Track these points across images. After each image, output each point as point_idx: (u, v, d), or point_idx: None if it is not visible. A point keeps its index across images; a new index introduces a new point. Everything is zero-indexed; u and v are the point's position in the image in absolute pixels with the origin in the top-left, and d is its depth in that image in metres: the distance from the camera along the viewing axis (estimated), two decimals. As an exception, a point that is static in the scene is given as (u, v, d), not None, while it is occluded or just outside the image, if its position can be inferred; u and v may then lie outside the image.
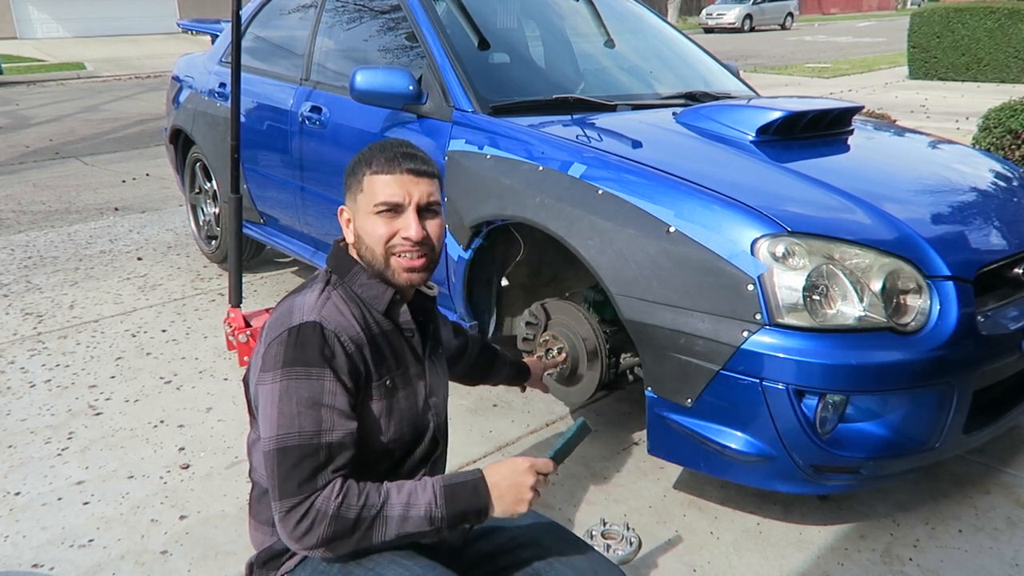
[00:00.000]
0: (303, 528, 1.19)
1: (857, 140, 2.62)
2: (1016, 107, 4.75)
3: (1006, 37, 11.40)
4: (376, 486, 1.24)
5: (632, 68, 3.29)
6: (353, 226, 1.37)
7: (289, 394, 1.22)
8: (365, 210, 1.34)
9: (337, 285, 1.34)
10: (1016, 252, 2.09)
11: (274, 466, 1.21)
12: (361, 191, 1.34)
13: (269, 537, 1.38)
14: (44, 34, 20.46)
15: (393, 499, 1.23)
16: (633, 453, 2.45)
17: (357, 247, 1.37)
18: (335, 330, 1.26)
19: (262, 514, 1.39)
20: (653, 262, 1.97)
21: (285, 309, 1.31)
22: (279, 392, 1.22)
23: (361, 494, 1.22)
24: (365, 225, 1.34)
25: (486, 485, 1.26)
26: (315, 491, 1.20)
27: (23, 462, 2.41)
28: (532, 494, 1.27)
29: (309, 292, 1.32)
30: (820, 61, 15.73)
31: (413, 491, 1.24)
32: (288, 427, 1.21)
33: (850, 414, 1.91)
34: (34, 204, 5.61)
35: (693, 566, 1.96)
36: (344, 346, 1.26)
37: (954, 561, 1.97)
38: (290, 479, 1.20)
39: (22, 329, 3.41)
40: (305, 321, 1.26)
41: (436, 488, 1.24)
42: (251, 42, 3.81)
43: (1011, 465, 2.36)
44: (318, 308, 1.28)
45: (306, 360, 1.23)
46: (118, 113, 10.07)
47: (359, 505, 1.21)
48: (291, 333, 1.25)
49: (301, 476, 1.20)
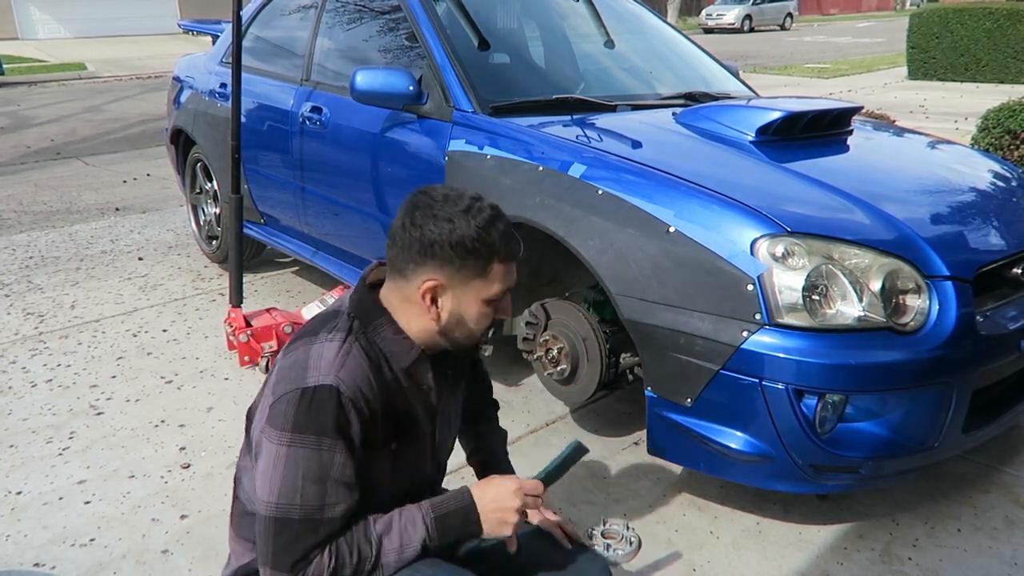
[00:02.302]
0: None
1: (856, 140, 2.63)
2: (1015, 107, 4.75)
3: (1005, 38, 11.40)
4: (365, 533, 1.19)
5: (632, 68, 3.30)
6: (447, 305, 1.24)
7: (296, 463, 1.14)
8: (478, 296, 1.24)
9: (359, 335, 1.23)
10: (1015, 252, 2.09)
11: (270, 535, 1.16)
12: (482, 277, 1.23)
13: (249, 553, 1.34)
14: (45, 35, 20.46)
15: (386, 546, 1.19)
16: (633, 453, 2.46)
17: (443, 323, 1.25)
18: (352, 396, 1.17)
19: (244, 530, 1.35)
20: (653, 262, 1.97)
21: (300, 359, 1.20)
22: (284, 458, 1.15)
23: (352, 551, 1.17)
24: (471, 310, 1.25)
25: (476, 509, 1.24)
26: (309, 564, 1.15)
27: (24, 461, 2.42)
28: (517, 516, 1.24)
29: (328, 342, 1.21)
30: (819, 61, 15.73)
31: (404, 531, 1.20)
32: (290, 498, 1.14)
33: (849, 414, 1.91)
34: (35, 204, 5.61)
35: (693, 566, 1.97)
36: (360, 413, 1.18)
37: (953, 560, 1.97)
38: (286, 554, 1.15)
39: (23, 329, 3.42)
40: (321, 384, 1.16)
41: (427, 520, 1.21)
42: (252, 42, 3.82)
43: (1010, 465, 2.36)
44: (336, 367, 1.17)
45: (318, 429, 1.15)
46: (119, 113, 10.08)
47: (352, 563, 1.17)
48: (304, 395, 1.15)
49: (296, 554, 1.15)
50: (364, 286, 1.31)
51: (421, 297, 1.23)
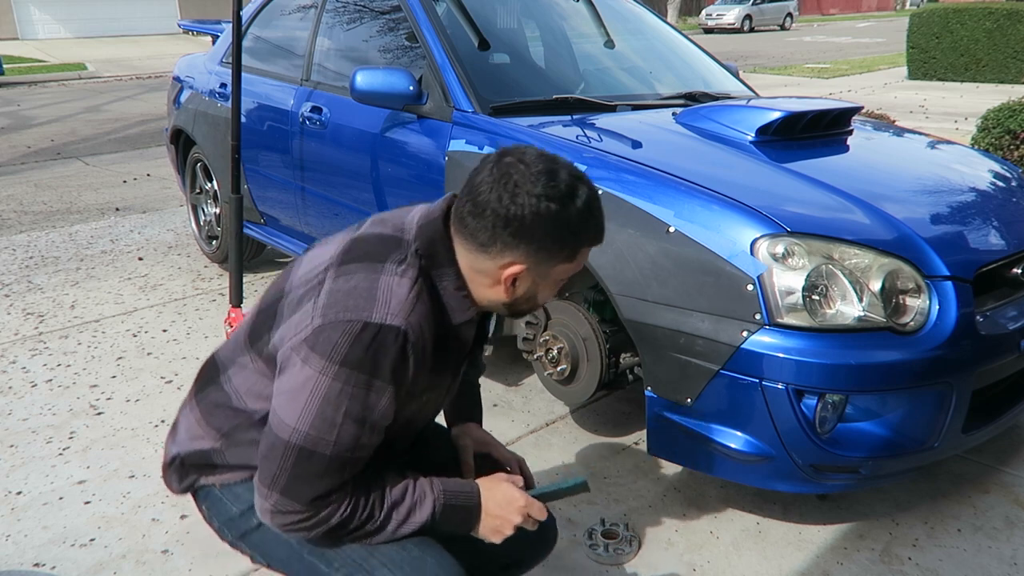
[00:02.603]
0: (294, 527, 1.13)
1: (856, 140, 2.63)
2: (1015, 107, 4.76)
3: (1005, 38, 11.41)
4: (381, 498, 1.16)
5: (632, 68, 3.30)
6: (524, 285, 1.18)
7: (339, 400, 1.07)
8: (557, 278, 1.19)
9: (426, 277, 1.15)
10: (1015, 252, 2.09)
11: (288, 462, 1.09)
12: (569, 262, 1.17)
13: (209, 441, 1.28)
14: (45, 35, 20.47)
15: (393, 516, 1.17)
16: (633, 453, 2.46)
17: (513, 298, 1.19)
18: (415, 342, 1.10)
19: (216, 419, 1.28)
20: (653, 262, 1.97)
21: (363, 288, 1.09)
22: (326, 391, 1.07)
23: (366, 510, 1.15)
24: (546, 289, 1.20)
25: (480, 511, 1.22)
26: (328, 504, 1.12)
27: (24, 461, 2.42)
28: (512, 531, 1.23)
29: (398, 276, 1.11)
30: (819, 61, 15.74)
31: (413, 508, 1.18)
32: (323, 432, 1.08)
33: (849, 414, 1.92)
34: (35, 204, 5.61)
35: (693, 565, 1.97)
36: (417, 362, 1.12)
37: (953, 560, 1.97)
38: (307, 486, 1.10)
39: (23, 329, 3.42)
40: (389, 324, 1.07)
41: (436, 507, 1.19)
42: (252, 42, 3.82)
43: (1010, 464, 2.37)
44: (407, 310, 1.09)
45: (373, 370, 1.07)
46: (119, 113, 10.08)
47: (360, 520, 1.15)
48: (366, 331, 1.06)
49: (318, 490, 1.10)
50: (440, 221, 1.18)
51: (502, 279, 1.15)
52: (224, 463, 1.28)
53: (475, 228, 1.13)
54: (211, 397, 1.30)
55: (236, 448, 1.27)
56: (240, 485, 1.29)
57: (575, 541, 2.05)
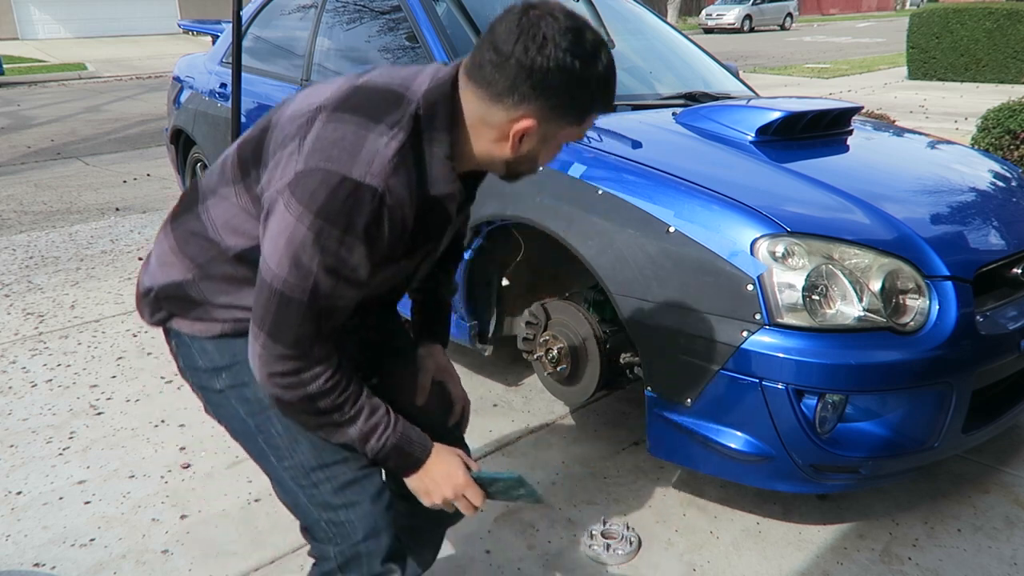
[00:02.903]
0: (277, 379, 1.15)
1: (856, 140, 2.63)
2: (1015, 107, 4.76)
3: (1005, 38, 11.41)
4: (356, 395, 1.19)
5: (632, 68, 3.30)
6: (530, 143, 1.15)
7: (313, 250, 1.08)
8: (560, 140, 1.18)
9: (416, 142, 1.12)
10: (1015, 252, 2.09)
11: (272, 305, 1.12)
12: (577, 125, 1.16)
13: (184, 273, 1.27)
14: (45, 35, 20.47)
15: (358, 423, 1.20)
16: (633, 453, 2.46)
17: (516, 155, 1.17)
18: (392, 206, 1.10)
19: (191, 248, 1.27)
20: (653, 262, 1.97)
21: (351, 141, 1.08)
22: (301, 239, 1.08)
23: (340, 396, 1.17)
24: (548, 150, 1.19)
25: (423, 469, 1.25)
26: (307, 357, 1.14)
27: (24, 461, 2.42)
28: (437, 503, 1.26)
29: (388, 138, 1.09)
30: (819, 61, 15.74)
31: (372, 429, 1.20)
32: (299, 280, 1.10)
33: (849, 414, 1.92)
34: (35, 204, 5.61)
35: (693, 565, 1.97)
36: (393, 225, 1.11)
37: (953, 560, 1.97)
38: (288, 328, 1.12)
39: (23, 329, 3.42)
40: (367, 184, 1.07)
41: (390, 442, 1.21)
42: (252, 43, 3.82)
43: (1010, 464, 2.37)
44: (388, 172, 1.08)
45: (347, 226, 1.07)
46: (119, 113, 10.08)
47: (332, 405, 1.17)
48: (344, 185, 1.06)
49: (300, 333, 1.12)
50: (448, 85, 1.15)
51: (511, 133, 1.13)
52: (199, 298, 1.27)
53: (494, 77, 1.09)
54: (187, 225, 1.29)
55: (209, 282, 1.26)
56: (210, 341, 1.28)
57: (575, 541, 2.05)
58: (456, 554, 2.01)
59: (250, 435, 1.30)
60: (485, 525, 2.12)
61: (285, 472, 1.29)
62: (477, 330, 2.60)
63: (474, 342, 2.61)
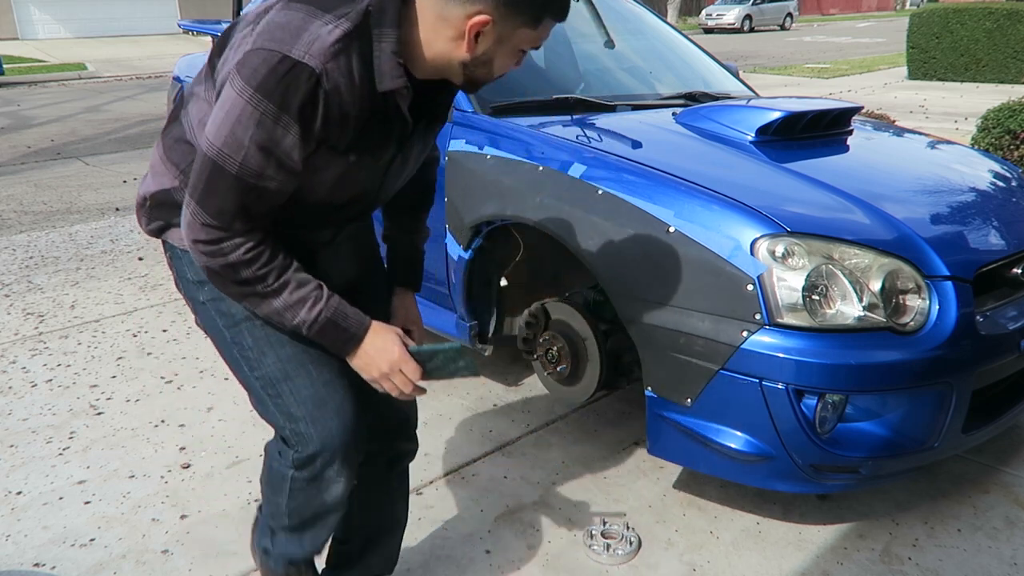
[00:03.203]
0: (201, 246, 1.20)
1: (856, 140, 2.63)
2: (1015, 107, 4.76)
3: (1005, 38, 11.41)
4: (283, 268, 1.23)
5: (632, 69, 3.30)
6: (485, 43, 1.18)
7: (248, 123, 1.12)
8: (516, 45, 1.21)
9: (364, 37, 1.15)
10: (1015, 252, 2.09)
11: (204, 173, 1.17)
12: (531, 28, 1.19)
13: (170, 179, 1.34)
14: (45, 35, 20.48)
15: (283, 295, 1.23)
16: (633, 453, 2.46)
17: (472, 58, 1.20)
18: (329, 90, 1.13)
19: (175, 154, 1.33)
20: (653, 262, 1.97)
21: (296, 24, 1.12)
22: (239, 112, 1.12)
23: (264, 267, 1.21)
24: (503, 56, 1.22)
25: (359, 345, 1.28)
26: (230, 229, 1.18)
27: (24, 461, 2.42)
28: (373, 378, 1.30)
29: (332, 27, 1.12)
30: (819, 61, 15.74)
31: (301, 301, 1.24)
32: (233, 151, 1.14)
33: (849, 414, 1.92)
34: (35, 204, 5.61)
35: (693, 565, 1.97)
36: (328, 110, 1.14)
37: (953, 560, 1.97)
38: (214, 197, 1.17)
39: (23, 329, 3.42)
40: (304, 63, 1.10)
41: (322, 316, 1.25)
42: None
43: (1010, 464, 2.37)
44: (326, 56, 1.11)
45: (282, 103, 1.11)
46: (119, 113, 10.08)
47: (254, 276, 1.21)
48: (283, 63, 1.10)
49: (224, 205, 1.17)
50: None
51: (467, 29, 1.15)
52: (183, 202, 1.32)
53: None
54: (173, 131, 1.35)
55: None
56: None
57: (575, 541, 2.05)
58: (456, 554, 2.01)
59: (227, 345, 1.40)
60: (485, 525, 2.12)
61: (256, 382, 1.39)
62: (477, 330, 2.60)
63: (474, 342, 2.61)
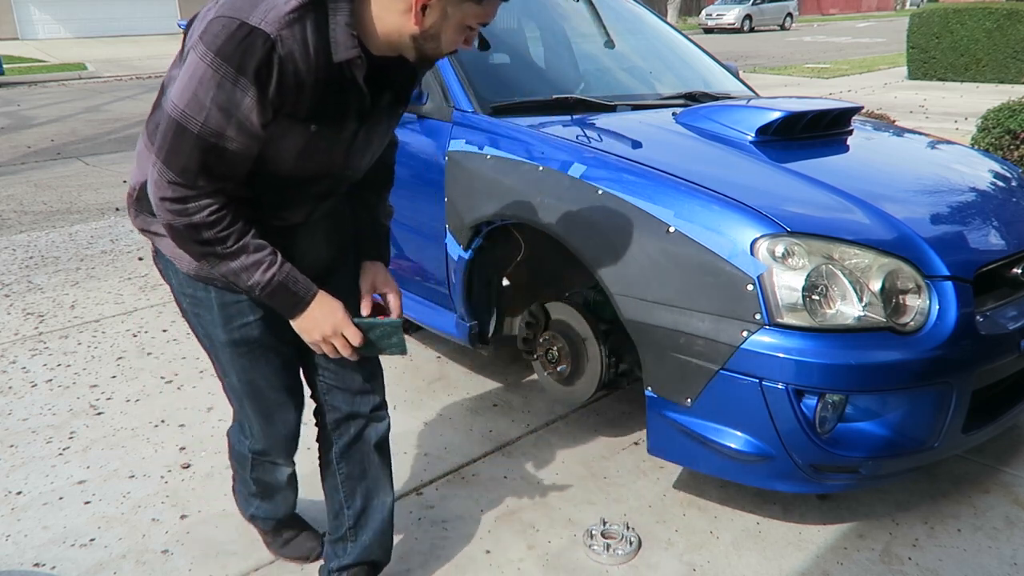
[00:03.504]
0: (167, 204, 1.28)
1: (856, 140, 2.63)
2: (1015, 107, 4.76)
3: (1005, 38, 11.41)
4: (242, 232, 1.32)
5: (632, 68, 3.30)
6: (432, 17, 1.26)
7: (209, 85, 1.21)
8: (462, 21, 1.28)
9: (319, 8, 1.23)
10: (1015, 252, 2.09)
11: (169, 132, 1.25)
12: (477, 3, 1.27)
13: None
14: (45, 35, 20.48)
15: (240, 258, 1.33)
16: (633, 453, 2.46)
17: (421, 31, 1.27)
18: (283, 56, 1.21)
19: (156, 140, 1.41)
20: (653, 262, 1.97)
21: None
22: (201, 74, 1.21)
23: (225, 230, 1.30)
24: (450, 31, 1.29)
25: (305, 308, 1.41)
26: (195, 189, 1.26)
27: (24, 461, 2.42)
28: (313, 341, 1.44)
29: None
30: (819, 61, 15.74)
31: (257, 264, 1.34)
32: (195, 112, 1.22)
33: (849, 414, 1.92)
34: (35, 204, 5.61)
35: (693, 565, 1.97)
36: (283, 75, 1.22)
37: (953, 560, 1.97)
38: (178, 155, 1.25)
39: (23, 329, 3.42)
40: (260, 29, 1.18)
41: (275, 280, 1.36)
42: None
43: (1010, 464, 2.37)
44: (281, 24, 1.20)
45: (239, 67, 1.19)
46: (119, 113, 10.08)
47: (215, 237, 1.30)
48: (240, 29, 1.18)
49: (187, 163, 1.25)
50: None
51: (414, 1, 1.24)
52: None
53: None
54: (155, 117, 1.41)
55: None
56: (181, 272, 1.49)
57: (575, 541, 2.05)
58: (456, 554, 2.01)
59: (210, 345, 1.58)
60: (485, 525, 2.12)
61: (228, 385, 1.63)
62: (477, 330, 2.60)
63: (474, 342, 2.61)
